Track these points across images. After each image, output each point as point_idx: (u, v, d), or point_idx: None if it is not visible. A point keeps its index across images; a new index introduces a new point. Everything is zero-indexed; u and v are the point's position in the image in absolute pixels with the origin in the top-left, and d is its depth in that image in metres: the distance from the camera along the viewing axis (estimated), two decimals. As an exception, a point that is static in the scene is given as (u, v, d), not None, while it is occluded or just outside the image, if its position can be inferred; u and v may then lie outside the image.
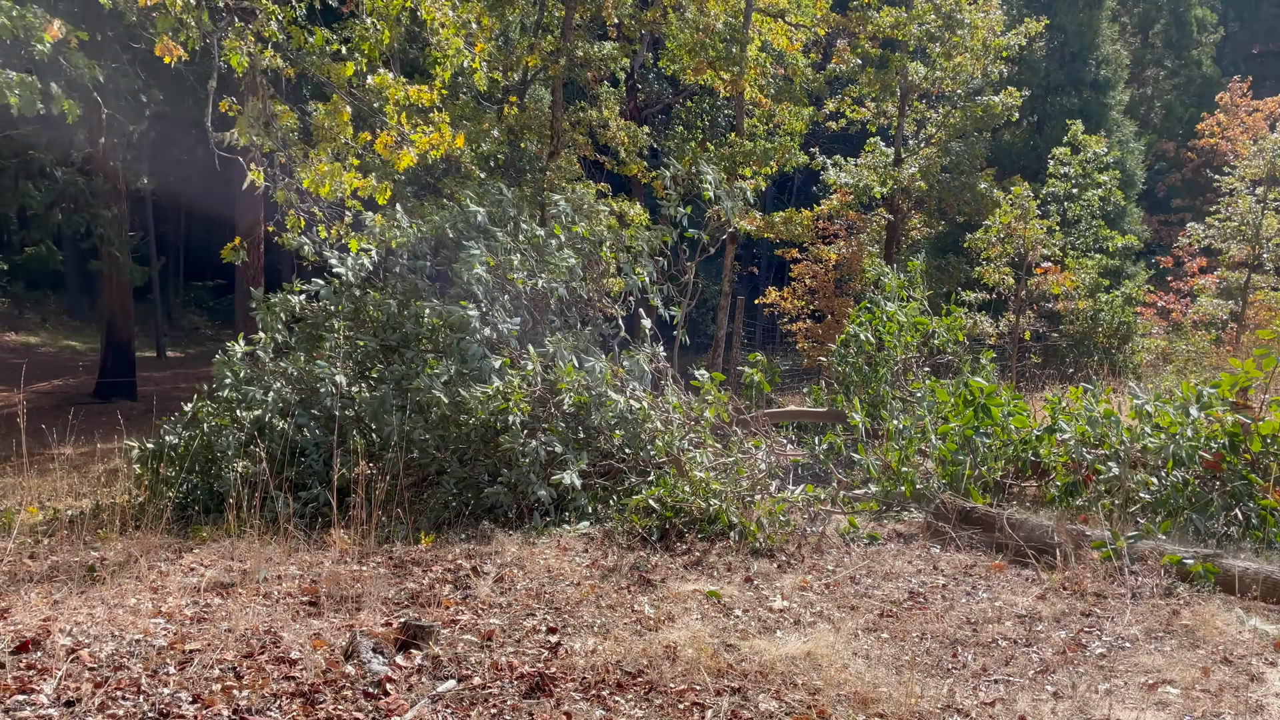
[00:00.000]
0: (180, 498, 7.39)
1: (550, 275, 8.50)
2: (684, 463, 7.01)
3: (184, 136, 22.77)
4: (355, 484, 6.21)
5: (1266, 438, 6.33)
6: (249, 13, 7.31)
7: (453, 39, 7.79)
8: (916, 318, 10.04)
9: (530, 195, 15.49)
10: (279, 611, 4.50)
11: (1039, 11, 23.29)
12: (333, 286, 8.19)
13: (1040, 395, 11.44)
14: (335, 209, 8.28)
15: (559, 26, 16.48)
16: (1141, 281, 20.85)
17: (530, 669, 3.92)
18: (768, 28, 17.41)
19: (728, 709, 3.70)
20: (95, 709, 3.30)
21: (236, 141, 7.51)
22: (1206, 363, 16.24)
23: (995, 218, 16.73)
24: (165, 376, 24.45)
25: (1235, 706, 3.84)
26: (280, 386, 7.60)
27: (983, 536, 6.37)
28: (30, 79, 8.13)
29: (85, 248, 25.18)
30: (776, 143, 17.93)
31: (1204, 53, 33.58)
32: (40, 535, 6.45)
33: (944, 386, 8.32)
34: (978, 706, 3.84)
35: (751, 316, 28.12)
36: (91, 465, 10.90)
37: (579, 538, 6.28)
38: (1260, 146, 18.57)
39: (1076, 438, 7.24)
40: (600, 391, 7.33)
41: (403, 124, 7.64)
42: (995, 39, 18.98)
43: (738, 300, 19.85)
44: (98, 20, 15.48)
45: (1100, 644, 4.56)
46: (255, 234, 18.05)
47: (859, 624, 4.82)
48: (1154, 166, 30.84)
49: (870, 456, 7.83)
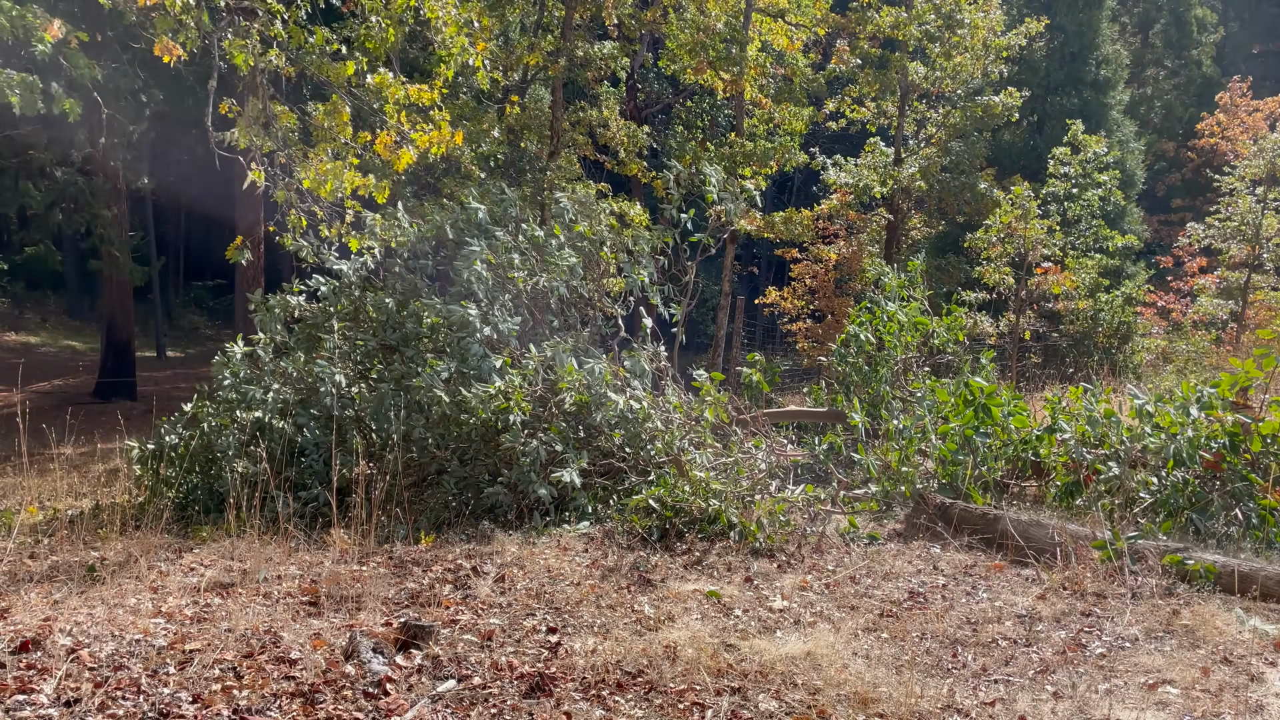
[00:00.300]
0: (180, 498, 7.39)
1: (551, 274, 8.50)
2: (684, 463, 7.01)
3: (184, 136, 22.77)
4: (355, 484, 6.21)
5: (1266, 438, 6.33)
6: (249, 12, 7.31)
7: (458, 37, 7.80)
8: (917, 318, 10.04)
9: (530, 195, 15.50)
10: (279, 611, 4.51)
11: (1039, 11, 23.30)
12: (332, 286, 8.19)
13: (1040, 395, 11.44)
14: (335, 208, 8.28)
15: (559, 26, 16.49)
16: (1141, 281, 20.86)
17: (530, 669, 3.92)
18: (768, 28, 17.41)
19: (728, 709, 3.70)
20: (95, 709, 3.30)
21: (236, 141, 7.51)
22: (1206, 363, 16.24)
23: (995, 218, 16.74)
24: (165, 376, 24.46)
25: (1235, 706, 3.84)
26: (280, 387, 7.60)
27: (948, 530, 6.48)
28: (31, 78, 8.14)
29: (85, 248, 25.21)
30: (776, 143, 17.94)
31: (1204, 53, 33.60)
32: (40, 535, 6.44)
33: (944, 386, 8.32)
34: (978, 706, 3.84)
35: (751, 316, 28.13)
36: (91, 465, 10.91)
37: (579, 537, 6.28)
38: (1260, 146, 18.56)
39: (1076, 438, 7.24)
40: (601, 391, 7.33)
41: (403, 123, 7.64)
42: (995, 39, 18.99)
43: (738, 300, 19.86)
44: (98, 20, 15.49)
45: (1100, 644, 4.56)
46: (255, 234, 18.04)
47: (859, 624, 4.82)
48: (1154, 166, 30.85)
49: (870, 456, 7.83)
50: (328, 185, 7.48)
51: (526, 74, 17.02)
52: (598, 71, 18.28)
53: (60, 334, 29.36)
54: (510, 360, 7.73)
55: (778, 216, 18.77)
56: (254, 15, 7.30)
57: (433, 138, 7.69)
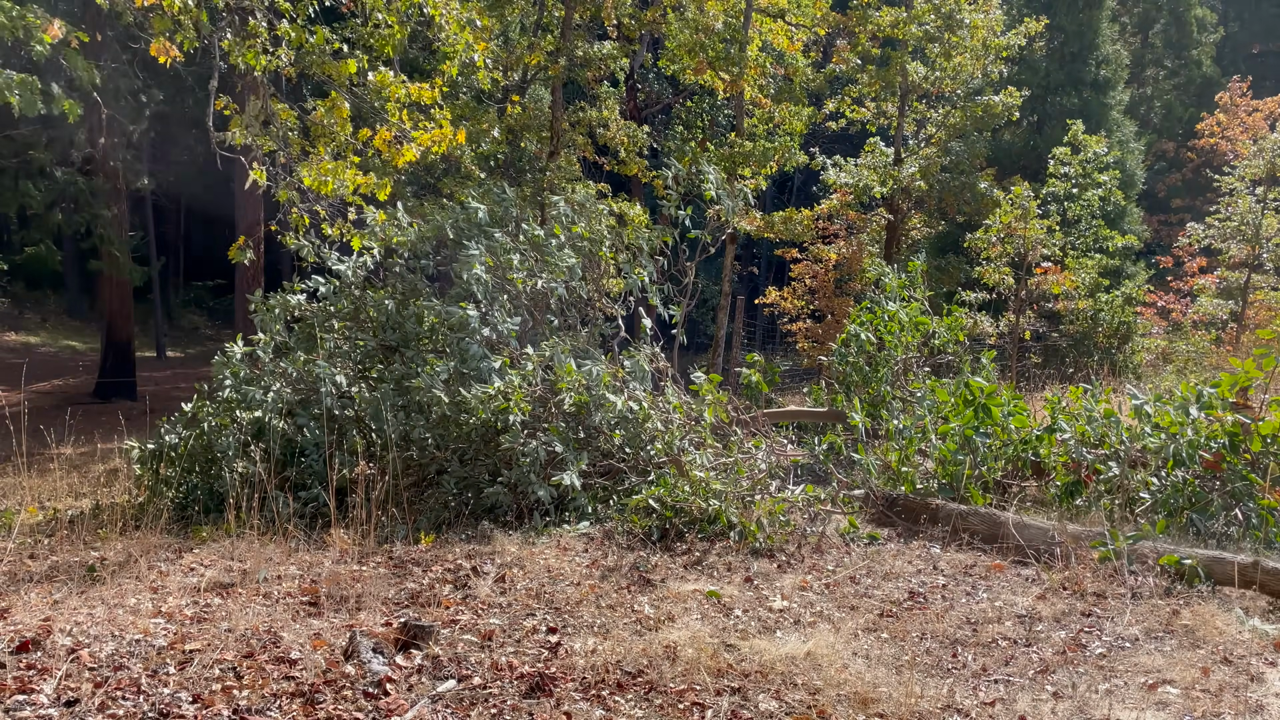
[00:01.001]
0: (180, 498, 7.39)
1: (550, 275, 8.50)
2: (684, 463, 7.01)
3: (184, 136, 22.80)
4: (355, 484, 6.20)
5: (1266, 438, 6.33)
6: (249, 12, 7.31)
7: (462, 34, 7.81)
8: (918, 317, 10.04)
9: (530, 195, 15.49)
10: (279, 611, 4.50)
11: (1039, 11, 23.29)
12: (332, 286, 8.19)
13: (1040, 395, 11.44)
14: (337, 207, 8.28)
15: (559, 26, 16.48)
16: (1141, 281, 20.85)
17: (530, 669, 3.92)
18: (768, 28, 17.41)
19: (728, 709, 3.70)
20: (95, 709, 3.30)
21: (235, 140, 7.51)
22: (1206, 363, 16.24)
23: (995, 218, 16.74)
24: (165, 376, 24.46)
25: (1235, 706, 3.84)
26: (280, 387, 7.60)
27: (909, 523, 6.95)
28: (31, 79, 8.13)
29: (85, 248, 25.19)
30: (776, 142, 17.93)
31: (1204, 53, 33.60)
32: (40, 535, 6.44)
33: (944, 386, 8.32)
34: (978, 706, 3.84)
35: (751, 316, 28.11)
36: (91, 465, 10.91)
37: (579, 538, 6.28)
38: (1260, 146, 18.56)
39: (1076, 438, 7.24)
40: (600, 392, 7.33)
41: (404, 121, 7.64)
42: (995, 39, 18.98)
43: (738, 300, 19.86)
44: (97, 20, 15.50)
45: (1100, 644, 4.56)
46: (256, 233, 18.06)
47: (859, 624, 4.82)
48: (1154, 166, 30.86)
49: (870, 456, 7.83)
50: (330, 183, 7.48)
51: (526, 74, 17.01)
52: (597, 71, 18.27)
53: (60, 334, 29.36)
54: (510, 361, 7.73)
55: (778, 216, 18.77)
56: (252, 15, 7.30)
57: (434, 136, 7.69)
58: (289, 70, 7.82)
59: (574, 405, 7.27)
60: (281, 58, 7.29)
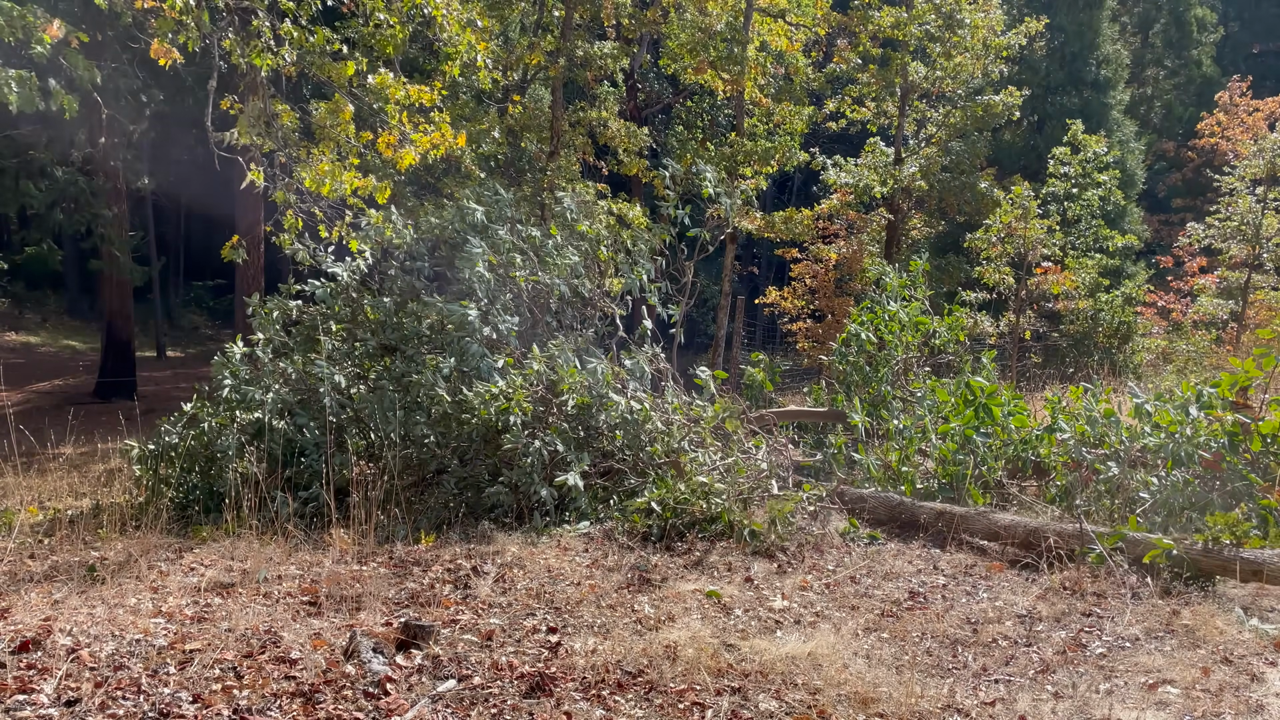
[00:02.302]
0: (180, 498, 7.38)
1: (552, 273, 8.50)
2: (684, 464, 7.00)
3: (184, 136, 22.75)
4: (355, 484, 6.20)
5: (1266, 437, 6.33)
6: (249, 12, 7.31)
7: (464, 34, 7.81)
8: (918, 317, 10.04)
9: (530, 195, 15.49)
10: (279, 611, 4.50)
11: (1039, 11, 23.30)
12: (328, 289, 8.18)
13: (1040, 395, 11.44)
14: (335, 209, 8.27)
15: (559, 26, 16.48)
16: (1141, 281, 20.86)
17: (530, 669, 3.92)
18: (768, 28, 17.40)
19: (728, 709, 3.70)
20: (95, 709, 3.30)
21: (236, 141, 7.51)
22: (1206, 362, 16.24)
23: (995, 217, 16.74)
24: (165, 376, 24.46)
25: (1235, 706, 3.84)
26: (279, 387, 7.60)
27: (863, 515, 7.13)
28: (29, 76, 8.11)
29: (85, 247, 25.20)
30: (776, 142, 17.93)
31: (1204, 53, 33.61)
32: (40, 535, 6.44)
33: (944, 386, 8.32)
34: (978, 706, 3.84)
35: (751, 316, 28.10)
36: (91, 465, 10.90)
37: (579, 538, 6.27)
38: (1260, 146, 18.56)
39: (1076, 437, 7.24)
40: (602, 392, 7.32)
41: (404, 123, 7.64)
42: (995, 39, 18.98)
43: (738, 300, 19.84)
44: (97, 20, 15.48)
45: (1100, 644, 4.56)
46: (255, 233, 18.05)
47: (859, 624, 4.82)
48: (1154, 166, 30.86)
49: (870, 456, 7.83)
50: (328, 185, 7.47)
51: (526, 74, 17.01)
52: (597, 71, 18.25)
53: (60, 334, 29.36)
54: (511, 360, 7.73)
55: (778, 216, 18.76)
56: (254, 15, 7.30)
57: (434, 139, 7.69)
58: (289, 70, 7.82)
59: (576, 406, 7.27)
60: (285, 57, 7.28)
